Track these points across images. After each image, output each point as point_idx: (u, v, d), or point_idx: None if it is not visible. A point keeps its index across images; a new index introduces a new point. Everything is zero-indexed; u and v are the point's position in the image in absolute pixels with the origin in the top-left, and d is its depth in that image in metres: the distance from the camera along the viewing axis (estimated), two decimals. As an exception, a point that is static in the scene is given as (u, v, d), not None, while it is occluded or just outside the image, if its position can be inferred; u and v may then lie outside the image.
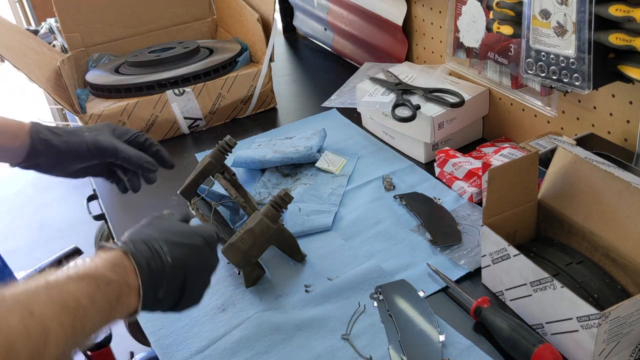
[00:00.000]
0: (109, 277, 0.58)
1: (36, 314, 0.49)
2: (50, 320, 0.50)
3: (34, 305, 0.49)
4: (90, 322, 0.55)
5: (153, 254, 0.63)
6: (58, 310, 0.51)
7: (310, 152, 1.15)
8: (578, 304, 0.66)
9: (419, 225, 0.98)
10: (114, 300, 0.58)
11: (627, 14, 0.74)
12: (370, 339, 0.79)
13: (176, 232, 0.68)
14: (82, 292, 0.54)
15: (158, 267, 0.62)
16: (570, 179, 0.81)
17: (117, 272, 0.59)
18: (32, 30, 2.11)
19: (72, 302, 0.53)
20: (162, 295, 0.63)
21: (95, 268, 0.58)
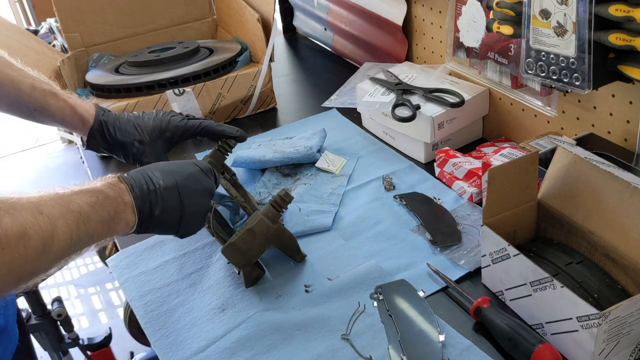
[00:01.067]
0: (107, 193, 0.68)
1: (45, 213, 0.58)
2: (57, 219, 0.59)
3: (44, 206, 0.59)
4: (92, 227, 0.64)
5: (145, 178, 0.73)
6: (63, 212, 0.61)
7: (310, 152, 1.15)
8: (578, 304, 0.66)
9: (418, 225, 0.98)
10: (112, 212, 0.68)
11: (627, 14, 0.74)
12: (370, 338, 0.79)
13: (170, 164, 0.78)
14: (84, 201, 0.64)
15: (149, 187, 0.72)
16: (570, 179, 0.81)
17: (114, 189, 0.69)
18: (32, 30, 2.11)
19: (75, 207, 0.62)
20: (158, 212, 0.72)
21: (96, 185, 0.68)
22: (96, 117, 0.92)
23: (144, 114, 0.95)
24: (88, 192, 0.66)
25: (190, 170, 0.78)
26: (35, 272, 0.59)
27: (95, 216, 0.65)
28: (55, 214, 0.60)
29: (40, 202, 0.59)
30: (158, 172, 0.75)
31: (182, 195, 0.75)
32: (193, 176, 0.78)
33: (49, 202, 0.60)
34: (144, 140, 0.92)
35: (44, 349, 1.62)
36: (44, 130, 3.41)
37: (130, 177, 0.72)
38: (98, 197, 0.66)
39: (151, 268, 0.96)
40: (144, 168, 0.76)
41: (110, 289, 2.41)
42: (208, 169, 0.81)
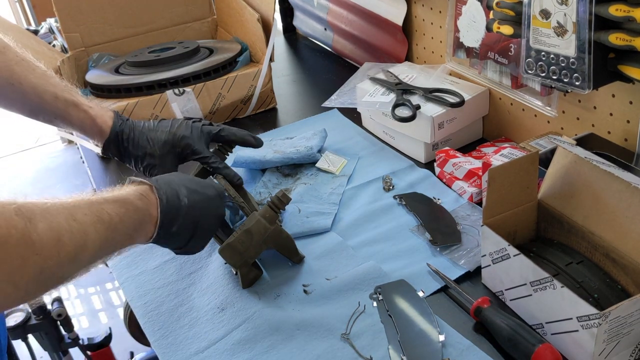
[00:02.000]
0: (136, 205, 0.69)
1: (78, 220, 0.59)
2: (89, 226, 0.61)
3: (77, 213, 0.60)
4: (118, 237, 0.66)
5: (173, 193, 0.75)
6: (95, 220, 0.62)
7: (310, 152, 1.14)
8: (578, 304, 0.66)
9: (418, 226, 0.98)
10: (137, 224, 0.69)
11: (627, 14, 0.74)
12: (370, 339, 0.78)
13: (194, 182, 0.80)
14: (114, 211, 0.65)
15: (175, 204, 0.74)
16: (570, 179, 0.81)
17: (143, 201, 0.71)
18: (32, 30, 2.11)
19: (106, 217, 0.63)
20: (175, 229, 0.74)
21: (127, 195, 0.69)
22: (112, 129, 0.93)
23: (159, 125, 0.96)
24: (118, 201, 0.67)
25: (210, 194, 0.81)
26: (64, 278, 0.59)
27: (122, 227, 0.66)
28: (87, 221, 0.61)
29: (73, 209, 0.60)
30: (185, 188, 0.77)
31: (200, 217, 0.78)
32: (212, 200, 0.81)
33: (82, 209, 0.61)
34: (154, 154, 0.93)
35: (44, 349, 1.62)
36: (44, 130, 3.41)
37: (161, 188, 0.74)
38: (127, 209, 0.67)
39: (151, 268, 0.96)
40: (171, 180, 0.77)
41: (110, 289, 2.41)
42: (223, 195, 0.85)
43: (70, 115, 0.91)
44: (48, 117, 0.91)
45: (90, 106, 0.92)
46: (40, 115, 0.91)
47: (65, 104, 0.90)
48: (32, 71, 0.88)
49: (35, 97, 0.88)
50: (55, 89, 0.89)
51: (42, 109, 0.89)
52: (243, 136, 0.98)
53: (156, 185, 0.73)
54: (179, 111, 1.30)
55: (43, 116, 0.91)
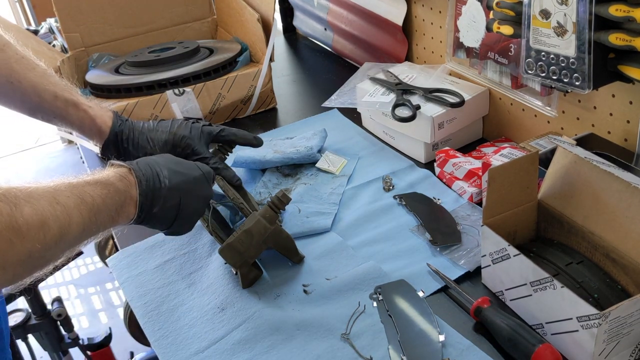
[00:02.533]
0: (118, 186, 0.70)
1: (61, 203, 0.60)
2: (72, 209, 0.61)
3: (60, 196, 0.60)
4: (101, 219, 0.66)
5: (153, 174, 0.74)
6: (78, 202, 0.62)
7: (310, 152, 1.14)
8: (578, 304, 0.66)
9: (418, 226, 0.98)
10: (119, 206, 0.69)
11: (627, 14, 0.74)
12: (370, 339, 0.78)
13: (177, 162, 0.80)
14: (96, 193, 0.65)
15: (156, 185, 0.74)
16: (570, 179, 0.81)
17: (124, 182, 0.71)
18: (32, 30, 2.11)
19: (89, 199, 0.64)
20: (157, 210, 0.74)
21: (107, 177, 0.69)
22: (112, 129, 0.93)
23: (159, 125, 0.96)
24: (100, 183, 0.67)
25: (195, 174, 0.80)
26: (49, 260, 0.60)
27: (105, 209, 0.66)
28: (70, 204, 0.61)
29: (56, 192, 0.60)
30: (166, 169, 0.76)
31: (183, 198, 0.77)
32: (196, 181, 0.80)
33: (64, 192, 0.61)
34: (154, 154, 0.92)
35: (44, 349, 1.62)
36: (44, 130, 3.41)
37: (139, 169, 0.74)
38: (109, 190, 0.68)
39: (151, 268, 0.96)
40: (152, 161, 0.77)
41: (110, 289, 2.41)
42: (210, 175, 0.83)
43: (69, 114, 0.90)
44: (47, 116, 0.91)
45: (89, 106, 0.92)
46: (39, 114, 0.91)
47: (65, 104, 0.90)
48: (32, 70, 0.88)
49: (34, 95, 0.88)
50: (55, 88, 0.89)
51: (41, 107, 0.89)
52: (243, 136, 0.98)
53: (134, 167, 0.73)
54: (179, 111, 1.30)
55: (42, 115, 0.91)
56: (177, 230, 0.80)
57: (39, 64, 0.90)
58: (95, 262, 2.53)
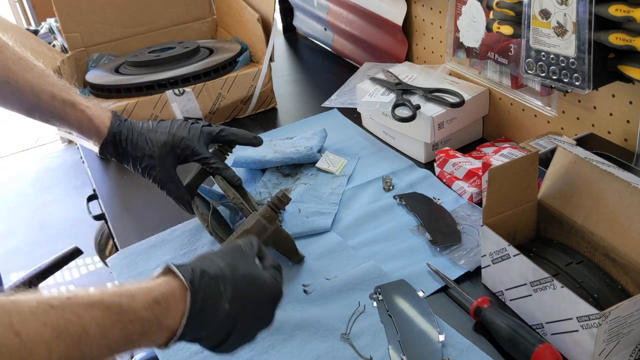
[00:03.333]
0: (139, 314, 0.55)
1: (22, 335, 0.46)
2: (38, 344, 0.47)
3: (25, 325, 0.47)
4: (95, 352, 0.51)
5: (214, 295, 0.60)
6: (52, 336, 0.48)
7: (310, 152, 1.15)
8: (578, 304, 0.66)
9: (418, 226, 0.98)
10: (135, 335, 0.55)
11: (627, 14, 0.74)
12: (370, 339, 0.78)
13: (248, 280, 0.64)
14: (94, 321, 0.51)
15: (211, 311, 0.59)
16: (570, 179, 0.81)
17: (154, 310, 0.56)
18: (32, 30, 2.11)
19: (75, 329, 0.50)
20: (202, 335, 0.60)
21: (130, 300, 0.55)
22: (110, 129, 0.92)
23: (158, 126, 0.95)
24: (110, 309, 0.53)
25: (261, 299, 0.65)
26: None
27: (103, 341, 0.52)
28: (38, 337, 0.47)
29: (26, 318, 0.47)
30: (231, 288, 0.61)
31: (239, 324, 0.62)
32: (259, 308, 0.65)
33: (39, 318, 0.48)
34: (153, 155, 0.92)
35: (44, 349, 1.62)
36: (44, 130, 3.41)
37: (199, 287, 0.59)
38: (120, 320, 0.53)
39: (151, 268, 0.96)
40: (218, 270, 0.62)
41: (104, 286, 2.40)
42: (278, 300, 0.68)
43: (67, 114, 0.90)
44: (45, 116, 0.90)
45: (87, 106, 0.92)
46: (37, 114, 0.90)
47: (63, 104, 0.89)
48: (29, 70, 0.87)
49: (32, 96, 0.87)
50: (53, 88, 0.89)
51: (39, 108, 0.89)
52: (243, 135, 0.98)
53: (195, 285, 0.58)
54: (179, 111, 1.30)
55: (40, 115, 0.90)
56: (219, 352, 0.65)
57: (37, 65, 0.89)
58: (95, 262, 2.53)
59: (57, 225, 2.84)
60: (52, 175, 3.24)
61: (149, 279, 0.59)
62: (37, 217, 2.92)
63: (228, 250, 0.66)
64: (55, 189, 3.11)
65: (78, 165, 2.93)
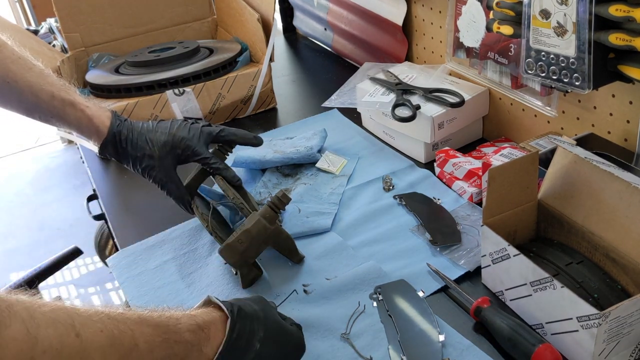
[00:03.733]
0: (184, 337, 0.58)
1: (82, 337, 0.49)
2: (94, 350, 0.49)
3: (84, 328, 0.49)
4: None
5: (247, 332, 0.63)
6: (107, 343, 0.51)
7: (310, 152, 1.15)
8: (578, 304, 0.66)
9: (418, 226, 0.98)
10: (177, 358, 0.57)
11: (627, 14, 0.74)
12: (370, 339, 0.78)
13: (278, 326, 0.68)
14: (144, 337, 0.54)
15: (243, 346, 0.62)
16: (570, 179, 0.81)
17: (198, 335, 0.59)
18: (32, 30, 2.11)
19: (128, 341, 0.52)
20: None
21: (176, 322, 0.58)
22: (110, 129, 0.92)
23: (158, 126, 0.95)
24: (159, 327, 0.56)
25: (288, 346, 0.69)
26: None
27: (149, 356, 0.55)
28: (95, 342, 0.50)
29: (85, 321, 0.50)
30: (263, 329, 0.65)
31: None
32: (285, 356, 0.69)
33: (96, 324, 0.50)
34: (153, 155, 0.92)
35: (44, 349, 1.62)
36: (44, 130, 3.42)
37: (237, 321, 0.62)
38: (167, 340, 0.56)
39: (151, 268, 0.96)
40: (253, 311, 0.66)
41: (110, 288, 2.41)
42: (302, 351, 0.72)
43: (66, 114, 0.90)
44: (44, 116, 0.90)
45: (87, 105, 0.91)
46: (36, 114, 0.90)
47: (62, 103, 0.89)
48: (28, 70, 0.87)
49: (31, 95, 0.87)
50: (52, 88, 0.88)
51: (38, 107, 0.88)
52: (243, 135, 0.98)
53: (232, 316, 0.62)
54: (179, 111, 1.30)
55: (39, 115, 0.90)
56: None
57: (36, 64, 0.89)
58: (95, 262, 2.53)
59: (56, 225, 2.84)
60: (52, 175, 3.24)
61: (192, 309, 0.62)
62: (37, 217, 2.92)
63: (259, 298, 0.70)
64: (55, 188, 3.11)
65: (78, 165, 2.93)
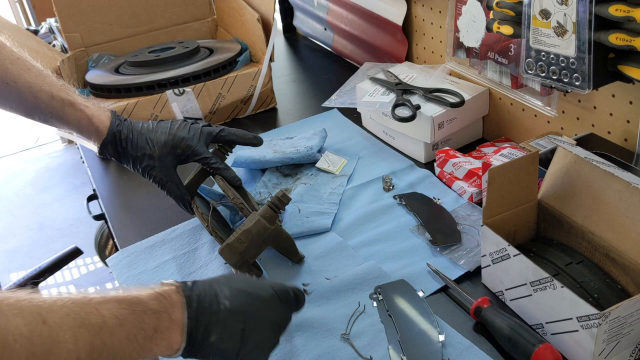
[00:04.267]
0: (148, 305, 0.57)
1: (49, 323, 0.49)
2: (64, 332, 0.50)
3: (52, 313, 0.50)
4: (116, 344, 0.54)
5: (210, 293, 0.62)
6: (77, 324, 0.51)
7: (310, 152, 1.14)
8: (578, 304, 0.66)
9: (418, 226, 0.98)
10: (150, 329, 0.57)
11: (627, 14, 0.74)
12: (370, 339, 0.78)
13: (243, 282, 0.66)
14: (111, 313, 0.54)
15: (212, 307, 0.61)
16: (570, 179, 0.81)
17: (161, 302, 0.58)
18: (32, 30, 2.11)
19: (95, 320, 0.53)
20: (215, 339, 0.60)
21: (137, 294, 0.58)
22: (110, 129, 0.92)
23: (158, 126, 0.95)
24: (122, 301, 0.56)
25: (265, 295, 0.66)
26: None
27: (122, 332, 0.54)
28: (64, 325, 0.50)
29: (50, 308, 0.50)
30: (228, 288, 0.63)
31: (248, 323, 0.63)
32: (267, 303, 0.66)
33: (61, 309, 0.51)
34: (153, 155, 0.92)
35: (44, 349, 1.62)
36: (44, 130, 3.42)
37: (192, 288, 0.62)
38: (134, 310, 0.56)
39: (151, 268, 0.96)
40: (212, 280, 0.65)
41: (110, 289, 2.40)
42: (288, 297, 0.69)
43: (66, 114, 0.89)
44: (44, 117, 0.90)
45: (87, 105, 0.91)
46: (35, 114, 0.90)
47: (61, 104, 0.89)
48: (27, 70, 0.87)
49: (30, 96, 0.87)
50: (51, 88, 0.88)
51: (38, 108, 0.88)
52: (243, 135, 0.98)
53: (186, 285, 0.62)
54: (179, 111, 1.30)
55: (39, 115, 0.90)
56: None
57: (35, 65, 0.89)
58: (95, 262, 2.53)
59: (56, 225, 2.84)
60: (52, 175, 3.24)
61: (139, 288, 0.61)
62: (37, 217, 2.92)
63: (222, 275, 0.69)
64: (55, 188, 3.11)
65: (78, 165, 2.93)
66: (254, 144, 0.98)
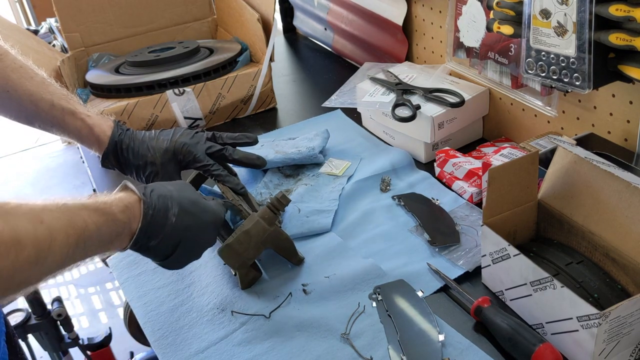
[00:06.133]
0: (118, 217, 0.67)
1: (46, 223, 0.57)
2: (58, 231, 0.58)
3: (46, 216, 0.58)
4: (91, 246, 0.63)
5: (162, 208, 0.72)
6: (66, 225, 0.60)
7: (312, 152, 1.14)
8: (578, 304, 0.66)
9: (417, 226, 0.98)
10: (114, 235, 0.67)
11: (627, 13, 0.74)
12: (370, 339, 0.78)
13: (192, 202, 0.76)
14: (91, 219, 0.63)
15: (160, 221, 0.71)
16: (570, 179, 0.81)
17: (126, 214, 0.68)
18: (32, 30, 2.11)
19: (80, 223, 0.61)
20: (153, 244, 0.72)
21: (110, 205, 0.67)
22: (111, 139, 0.91)
23: (160, 134, 0.94)
24: (99, 210, 0.65)
25: (205, 219, 0.78)
26: (25, 282, 0.57)
27: (97, 237, 0.64)
28: (56, 226, 0.58)
29: (43, 211, 0.58)
30: (177, 206, 0.74)
31: (183, 240, 0.75)
32: (205, 226, 0.78)
33: (53, 213, 0.59)
34: (155, 162, 0.91)
35: (44, 349, 1.62)
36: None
37: (150, 200, 0.71)
38: (107, 219, 0.65)
39: (151, 268, 0.96)
40: (167, 191, 0.74)
41: (110, 288, 2.41)
42: (220, 222, 0.81)
43: (66, 123, 0.89)
44: (44, 125, 0.90)
45: (88, 115, 0.91)
46: (36, 122, 0.90)
47: (62, 112, 0.88)
48: (29, 79, 0.87)
49: (30, 104, 0.87)
50: (52, 97, 0.88)
51: (38, 116, 0.88)
52: (245, 155, 0.96)
53: (146, 197, 0.71)
54: (179, 111, 1.30)
55: (39, 124, 0.90)
56: (168, 266, 0.78)
57: (38, 73, 0.88)
58: (95, 262, 2.52)
59: (57, 225, 2.83)
60: (52, 175, 3.24)
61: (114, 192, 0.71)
62: (37, 217, 2.91)
63: (179, 183, 0.80)
64: (55, 189, 3.11)
65: (78, 165, 2.93)
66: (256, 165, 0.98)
